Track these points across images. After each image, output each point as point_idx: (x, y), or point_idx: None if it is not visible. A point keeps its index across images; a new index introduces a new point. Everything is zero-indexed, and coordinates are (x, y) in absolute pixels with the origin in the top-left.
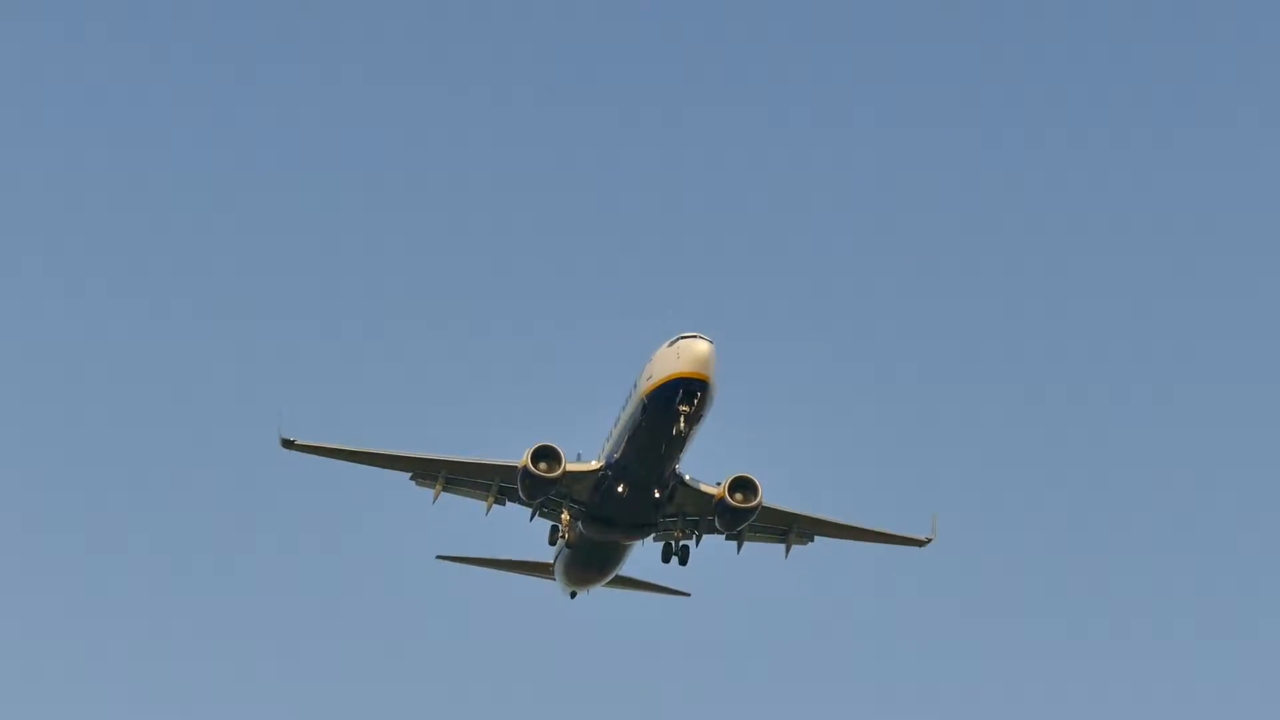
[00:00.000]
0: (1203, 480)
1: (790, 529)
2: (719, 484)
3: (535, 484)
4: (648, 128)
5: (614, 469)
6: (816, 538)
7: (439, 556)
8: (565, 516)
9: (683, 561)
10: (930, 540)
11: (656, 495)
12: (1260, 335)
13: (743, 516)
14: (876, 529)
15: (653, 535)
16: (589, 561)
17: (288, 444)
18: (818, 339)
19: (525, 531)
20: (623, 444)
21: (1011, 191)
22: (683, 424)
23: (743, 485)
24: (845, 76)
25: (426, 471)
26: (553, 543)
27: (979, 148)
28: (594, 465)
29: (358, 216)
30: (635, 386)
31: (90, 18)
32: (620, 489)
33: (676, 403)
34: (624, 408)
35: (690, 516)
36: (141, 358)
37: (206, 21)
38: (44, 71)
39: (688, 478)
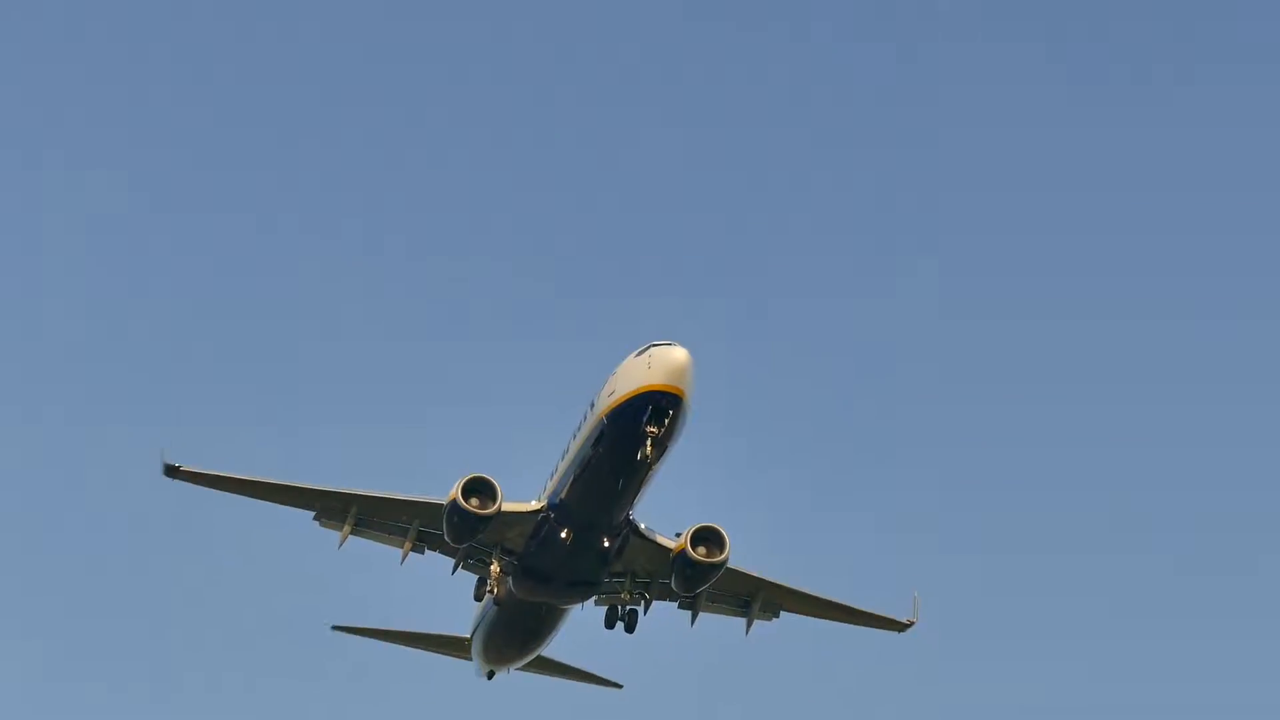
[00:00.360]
0: (1209, 556)
1: (754, 599)
2: (678, 535)
3: (465, 523)
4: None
5: (558, 510)
6: (783, 613)
7: (335, 627)
8: (494, 568)
9: (629, 629)
10: (912, 624)
11: (605, 545)
12: None
13: (704, 575)
14: (852, 606)
15: (594, 598)
16: (515, 628)
17: (172, 472)
18: (793, 380)
19: (447, 586)
20: (571, 478)
21: (1011, 233)
22: (649, 449)
23: (706, 538)
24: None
25: (334, 509)
26: (478, 598)
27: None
28: (533, 505)
29: (272, 218)
30: (592, 407)
31: None
32: (563, 535)
33: (644, 422)
34: (575, 436)
35: (640, 577)
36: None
37: None
38: None
39: (643, 527)
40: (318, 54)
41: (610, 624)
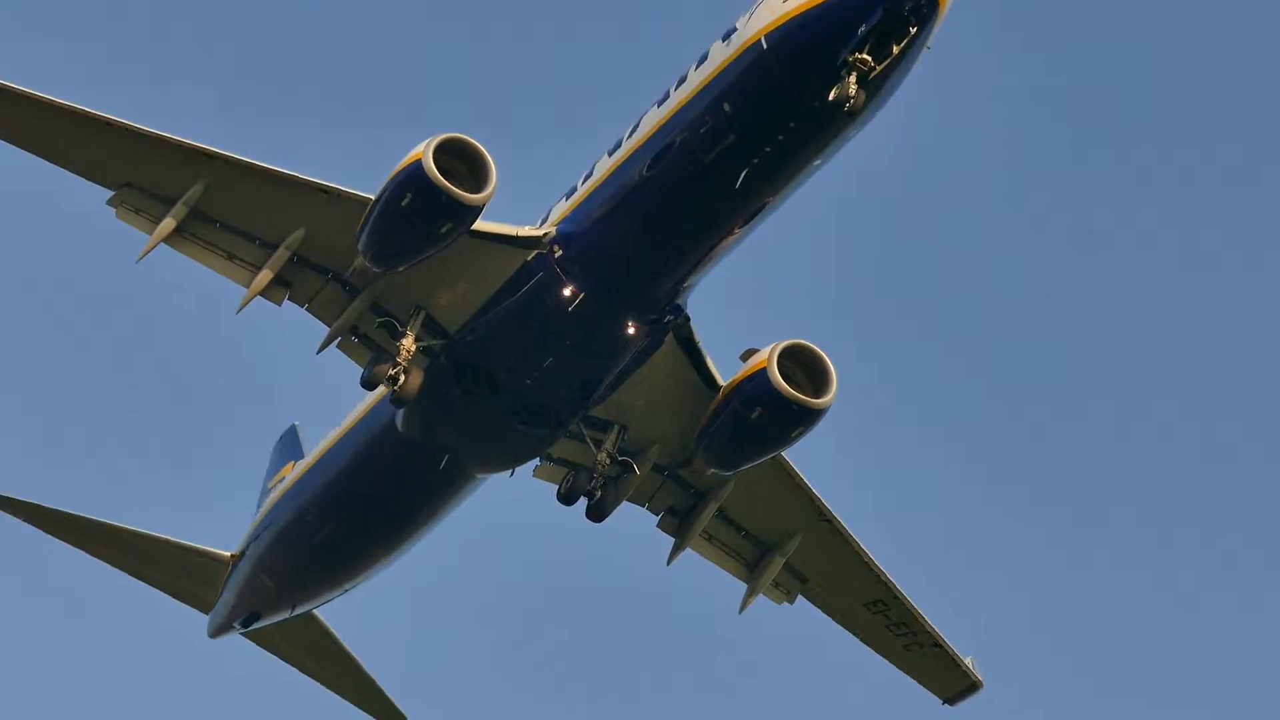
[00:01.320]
0: None
1: (778, 549)
2: (747, 355)
3: (426, 214)
4: None
5: (575, 245)
6: (803, 601)
7: None
8: (408, 344)
9: (597, 514)
10: (981, 686)
11: (629, 334)
12: None
13: (780, 426)
14: (927, 624)
15: (541, 457)
16: (376, 496)
17: None
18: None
19: (308, 367)
20: (629, 182)
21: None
22: (852, 88)
23: (790, 368)
24: None
25: (161, 179)
26: (370, 386)
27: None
28: (528, 230)
29: None
30: (729, 39)
31: None
32: (566, 294)
33: (858, 40)
34: (657, 105)
35: (630, 441)
36: None
37: None
38: None
39: (692, 324)
40: None
41: (569, 499)
